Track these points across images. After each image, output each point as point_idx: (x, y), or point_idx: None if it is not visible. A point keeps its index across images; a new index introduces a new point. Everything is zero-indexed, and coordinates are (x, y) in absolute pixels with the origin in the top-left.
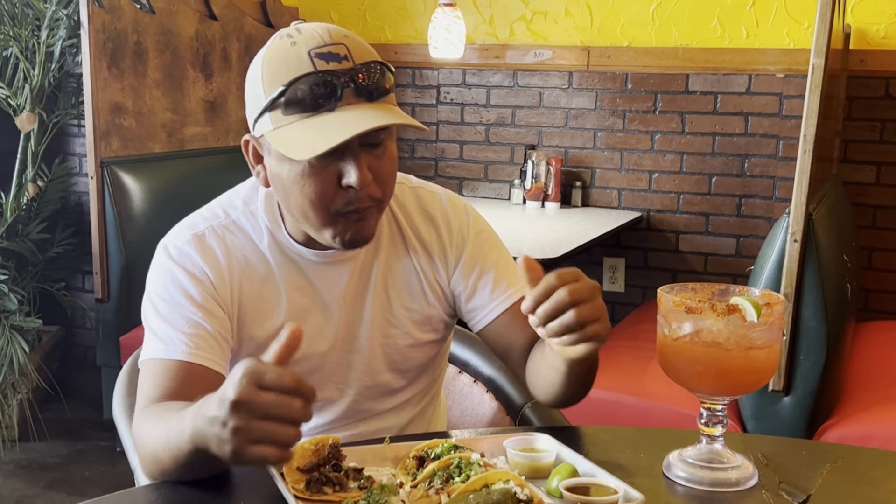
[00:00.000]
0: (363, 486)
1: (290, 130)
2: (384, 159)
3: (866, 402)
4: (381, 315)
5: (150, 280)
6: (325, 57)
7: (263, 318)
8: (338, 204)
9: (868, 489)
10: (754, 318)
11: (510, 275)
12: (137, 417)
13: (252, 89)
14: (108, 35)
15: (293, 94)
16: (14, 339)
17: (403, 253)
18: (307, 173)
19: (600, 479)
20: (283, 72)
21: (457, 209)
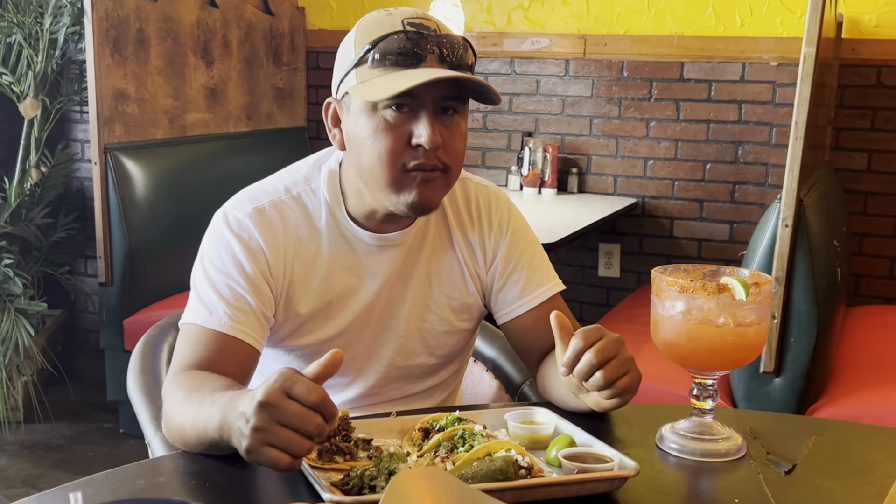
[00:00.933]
0: (372, 455)
1: (374, 82)
2: (455, 133)
3: (855, 384)
4: (421, 300)
5: (205, 246)
6: (415, 25)
7: (310, 295)
8: (406, 160)
9: (851, 460)
10: (743, 296)
11: (542, 275)
12: (170, 380)
13: (343, 52)
14: (112, 22)
15: (381, 49)
16: (19, 323)
17: (448, 243)
18: (382, 128)
19: (597, 449)
20: (375, 31)
21: (500, 204)
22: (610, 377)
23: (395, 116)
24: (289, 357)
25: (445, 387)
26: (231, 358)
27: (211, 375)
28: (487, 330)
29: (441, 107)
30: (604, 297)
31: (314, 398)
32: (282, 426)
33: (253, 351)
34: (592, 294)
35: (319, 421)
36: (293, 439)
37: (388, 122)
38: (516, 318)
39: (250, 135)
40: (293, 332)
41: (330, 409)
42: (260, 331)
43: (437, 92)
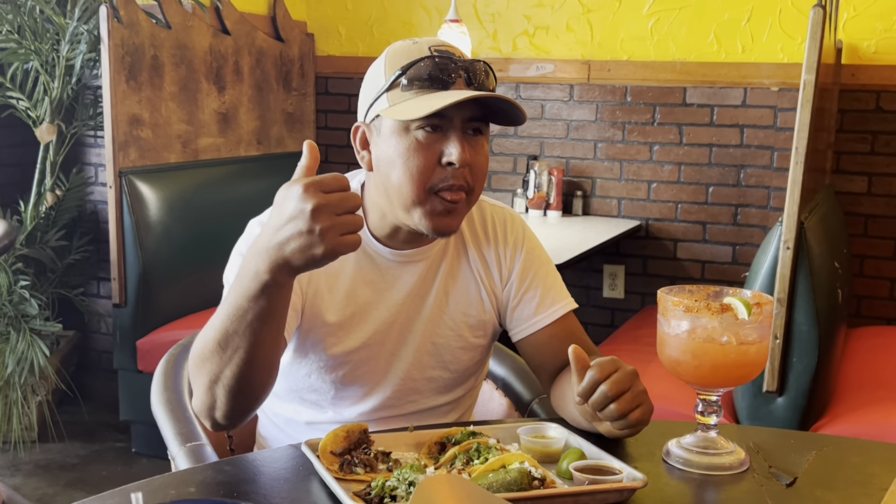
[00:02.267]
0: (391, 467)
1: (406, 104)
2: (480, 153)
3: (857, 404)
4: (437, 315)
5: (239, 246)
6: (442, 52)
7: (332, 306)
8: (434, 180)
9: (849, 473)
10: (745, 316)
11: (556, 293)
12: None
13: (372, 77)
14: (127, 49)
15: (412, 74)
16: (34, 343)
17: (465, 260)
18: (414, 148)
19: (606, 462)
20: (404, 57)
21: (515, 224)
22: (623, 409)
23: (426, 136)
24: (312, 367)
25: (460, 405)
26: None
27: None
28: (497, 349)
29: (470, 129)
30: (608, 318)
31: (342, 182)
32: (339, 215)
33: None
34: (597, 315)
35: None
36: (353, 220)
37: (420, 141)
38: (531, 336)
39: (261, 158)
40: (318, 342)
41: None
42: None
43: (465, 113)
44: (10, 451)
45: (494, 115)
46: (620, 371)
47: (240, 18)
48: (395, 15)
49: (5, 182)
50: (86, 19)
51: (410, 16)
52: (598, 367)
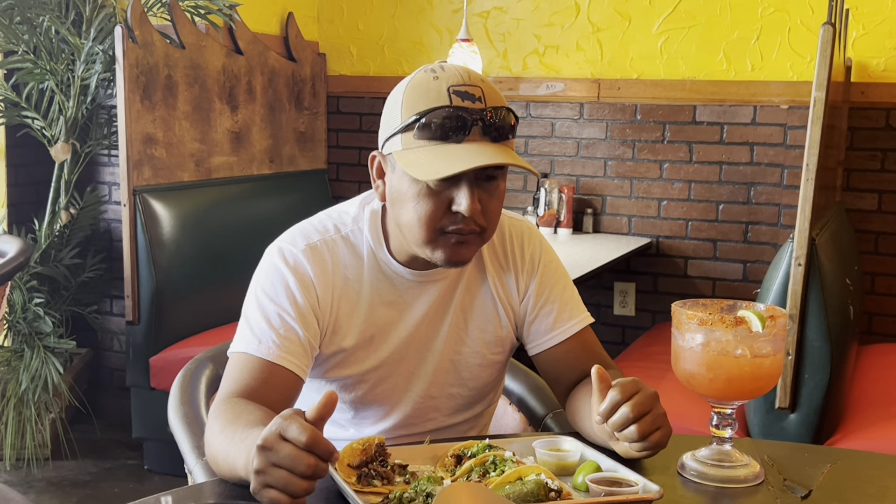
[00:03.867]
0: (408, 480)
1: (418, 153)
2: (494, 196)
3: (869, 420)
4: (455, 333)
5: (259, 277)
6: (461, 95)
7: (354, 330)
8: (444, 224)
9: (864, 485)
10: (759, 328)
11: (573, 307)
12: (214, 406)
13: (390, 111)
14: (141, 69)
15: (427, 122)
16: (48, 360)
17: (482, 278)
18: (424, 193)
19: (621, 474)
20: (422, 100)
21: (532, 239)
22: (643, 431)
23: (437, 184)
24: (330, 387)
25: (478, 422)
26: (276, 386)
27: (248, 407)
28: (511, 364)
29: (483, 176)
30: (619, 336)
31: (304, 439)
32: (277, 467)
33: (297, 379)
34: (608, 332)
35: (311, 461)
36: (289, 480)
37: (431, 188)
38: (548, 350)
39: (273, 177)
40: (337, 364)
41: (324, 448)
42: (305, 360)
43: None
44: (23, 468)
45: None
46: (642, 393)
47: (252, 38)
48: (405, 35)
49: (20, 200)
50: (101, 39)
51: (421, 35)
52: (620, 388)
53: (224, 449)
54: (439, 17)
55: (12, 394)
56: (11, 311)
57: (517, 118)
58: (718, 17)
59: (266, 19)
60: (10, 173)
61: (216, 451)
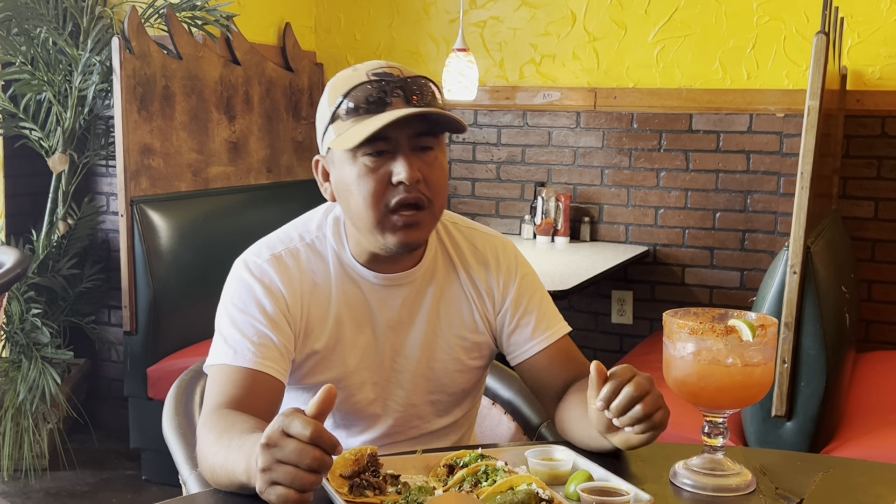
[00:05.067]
0: (400, 490)
1: (349, 132)
2: (434, 167)
3: (866, 428)
4: (431, 340)
5: (228, 290)
6: (380, 75)
7: (321, 334)
8: (388, 199)
9: (857, 494)
10: (750, 338)
11: (550, 317)
12: (203, 420)
13: (320, 112)
14: (139, 80)
15: (350, 101)
16: (46, 371)
17: (457, 285)
18: (363, 173)
19: (613, 484)
20: (343, 86)
21: (507, 251)
22: (648, 410)
23: (373, 161)
24: (309, 394)
25: (460, 426)
26: (260, 392)
27: (240, 416)
28: (505, 373)
29: (418, 146)
30: (617, 344)
31: (309, 432)
32: (283, 464)
33: (279, 384)
34: (605, 341)
35: (317, 454)
36: (296, 475)
37: (368, 166)
38: (529, 359)
39: (270, 187)
40: (312, 369)
41: (328, 441)
42: (283, 364)
43: (408, 131)
44: (21, 478)
45: (441, 127)
46: (639, 375)
47: (250, 49)
48: (402, 45)
49: (18, 211)
50: (98, 50)
51: (418, 45)
52: (618, 373)
53: (221, 458)
54: (436, 27)
55: (10, 404)
56: (9, 321)
57: (441, 90)
58: (714, 26)
59: (263, 29)
60: (8, 184)
61: (212, 462)
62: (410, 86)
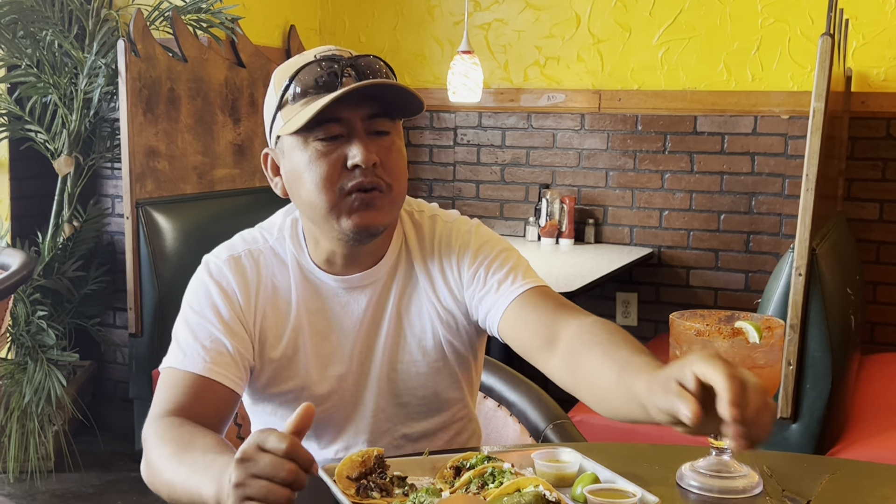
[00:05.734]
0: (407, 492)
1: (298, 116)
2: (391, 150)
3: (872, 430)
4: (394, 342)
5: (188, 292)
6: (328, 57)
7: (281, 341)
8: (343, 183)
9: (863, 496)
10: (756, 339)
11: (522, 272)
12: (153, 428)
13: (267, 101)
14: (144, 83)
15: (299, 84)
16: (51, 373)
17: (417, 283)
18: (314, 157)
19: (619, 485)
20: (290, 70)
21: (461, 231)
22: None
23: (325, 145)
24: (274, 404)
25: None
26: (208, 400)
27: (198, 430)
28: (510, 375)
29: (373, 129)
30: None
31: (285, 446)
32: (257, 478)
33: (231, 393)
34: None
35: (292, 467)
36: (270, 489)
37: (320, 150)
38: (504, 316)
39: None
40: (271, 379)
41: (303, 456)
42: (238, 373)
43: (361, 112)
44: (26, 480)
45: (395, 110)
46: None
47: (255, 51)
48: (407, 47)
49: (24, 214)
50: (104, 53)
51: (423, 47)
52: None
53: (182, 476)
54: (440, 29)
55: (16, 406)
56: (15, 323)
57: (394, 73)
58: (718, 28)
59: (268, 32)
60: (14, 186)
61: (170, 478)
62: (362, 64)
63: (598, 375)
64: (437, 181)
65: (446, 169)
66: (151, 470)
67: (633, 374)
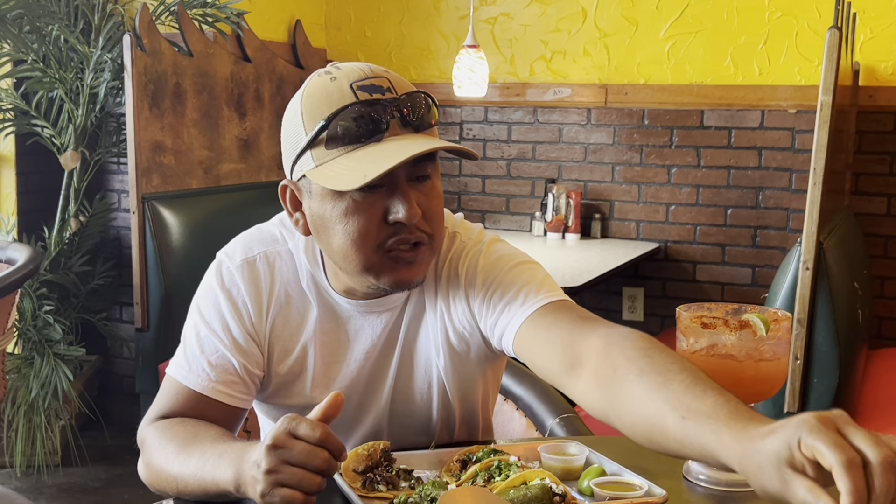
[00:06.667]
0: (413, 485)
1: (335, 165)
2: (432, 196)
3: (879, 424)
4: (404, 369)
5: (199, 292)
6: (367, 89)
7: (290, 357)
8: (382, 240)
9: None
10: (763, 332)
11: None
12: (149, 428)
13: (291, 129)
14: (150, 77)
15: (337, 127)
16: (58, 368)
17: (425, 310)
18: (351, 210)
19: (626, 479)
20: (324, 106)
21: (468, 252)
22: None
23: (365, 196)
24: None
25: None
26: (210, 417)
27: (201, 424)
28: (516, 369)
29: (414, 175)
30: None
31: (318, 434)
32: (291, 465)
33: (234, 410)
34: None
35: (325, 455)
36: (303, 476)
37: (358, 202)
38: (518, 339)
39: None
40: (276, 391)
41: (335, 444)
42: (244, 389)
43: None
44: (33, 474)
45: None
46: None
47: (260, 46)
48: (412, 42)
49: (30, 208)
50: (109, 48)
51: (428, 42)
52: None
53: (192, 468)
54: (446, 24)
55: (23, 401)
56: (21, 318)
57: (436, 103)
58: (725, 22)
59: (274, 27)
60: (20, 181)
61: (177, 472)
62: (407, 103)
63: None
64: (442, 176)
65: (452, 164)
66: (153, 470)
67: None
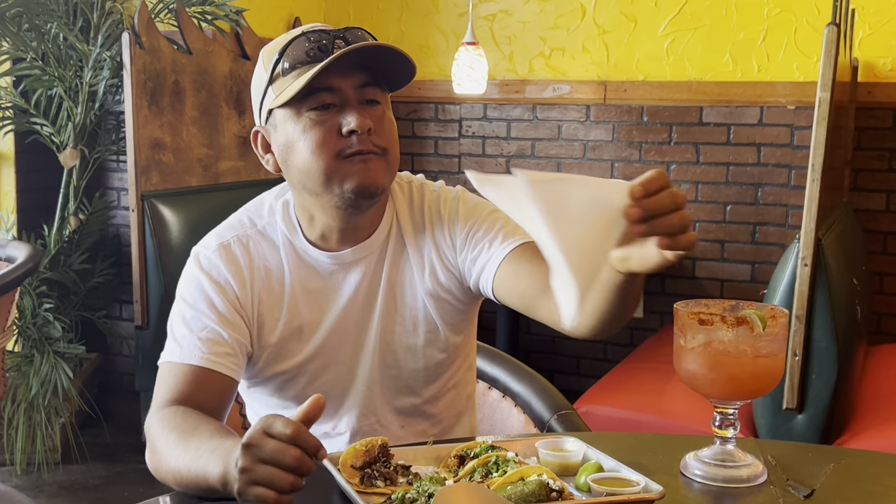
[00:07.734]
0: (411, 480)
1: (290, 88)
2: (383, 118)
3: (878, 420)
4: (388, 314)
5: (180, 285)
6: (316, 31)
7: (279, 323)
8: (341, 147)
9: (868, 485)
10: (760, 328)
11: (508, 229)
12: (155, 417)
13: (255, 79)
14: (149, 75)
15: (289, 57)
16: (58, 365)
17: (407, 255)
18: (309, 126)
19: (623, 474)
20: (279, 46)
21: (447, 198)
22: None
23: (319, 114)
24: (272, 386)
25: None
26: (208, 389)
27: (202, 417)
28: (515, 365)
29: (364, 98)
30: (628, 338)
31: (289, 432)
32: (263, 463)
33: (230, 381)
34: (616, 334)
35: (297, 453)
36: (274, 474)
37: (314, 119)
38: (499, 271)
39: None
40: (271, 359)
41: (309, 441)
42: (236, 360)
43: (353, 81)
44: (34, 472)
45: (385, 79)
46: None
47: (259, 43)
48: (412, 38)
49: (30, 206)
50: (108, 46)
51: (427, 39)
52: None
53: (188, 461)
54: (445, 21)
55: (22, 399)
56: (21, 316)
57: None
58: (724, 19)
59: (273, 24)
60: (20, 179)
61: (176, 465)
62: (350, 34)
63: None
64: (441, 173)
65: (451, 161)
66: (157, 458)
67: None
